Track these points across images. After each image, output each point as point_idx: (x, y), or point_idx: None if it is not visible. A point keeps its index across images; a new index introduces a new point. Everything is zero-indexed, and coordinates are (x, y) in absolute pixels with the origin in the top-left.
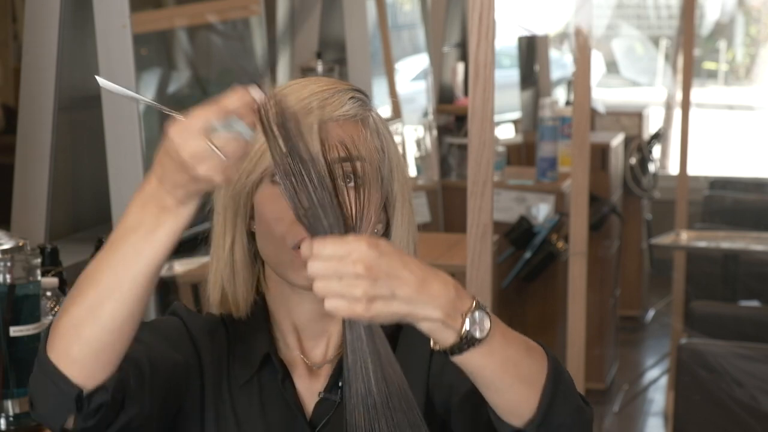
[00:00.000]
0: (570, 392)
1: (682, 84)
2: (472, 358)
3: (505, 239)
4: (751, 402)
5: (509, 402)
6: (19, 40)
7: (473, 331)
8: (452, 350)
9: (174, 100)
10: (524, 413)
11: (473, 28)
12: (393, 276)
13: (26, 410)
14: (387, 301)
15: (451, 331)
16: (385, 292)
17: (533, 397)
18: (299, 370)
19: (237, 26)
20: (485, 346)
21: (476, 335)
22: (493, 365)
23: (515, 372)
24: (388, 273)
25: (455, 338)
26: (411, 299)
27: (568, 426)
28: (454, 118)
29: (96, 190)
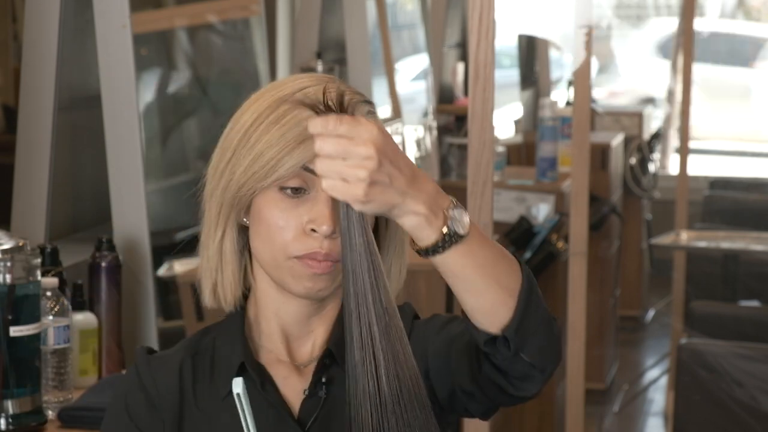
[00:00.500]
0: (541, 302)
1: (682, 84)
2: (452, 256)
3: (505, 239)
4: (751, 402)
5: (487, 304)
6: (19, 40)
7: (455, 227)
8: (435, 248)
9: (174, 100)
10: (501, 317)
11: (473, 28)
12: (394, 164)
13: (26, 410)
14: (384, 188)
15: (434, 227)
16: (385, 179)
17: (510, 300)
18: (284, 371)
19: (237, 26)
20: (465, 244)
21: (459, 231)
22: (473, 264)
23: (493, 273)
24: (391, 160)
25: (438, 235)
26: (404, 191)
27: (540, 336)
28: (454, 118)
29: (96, 190)
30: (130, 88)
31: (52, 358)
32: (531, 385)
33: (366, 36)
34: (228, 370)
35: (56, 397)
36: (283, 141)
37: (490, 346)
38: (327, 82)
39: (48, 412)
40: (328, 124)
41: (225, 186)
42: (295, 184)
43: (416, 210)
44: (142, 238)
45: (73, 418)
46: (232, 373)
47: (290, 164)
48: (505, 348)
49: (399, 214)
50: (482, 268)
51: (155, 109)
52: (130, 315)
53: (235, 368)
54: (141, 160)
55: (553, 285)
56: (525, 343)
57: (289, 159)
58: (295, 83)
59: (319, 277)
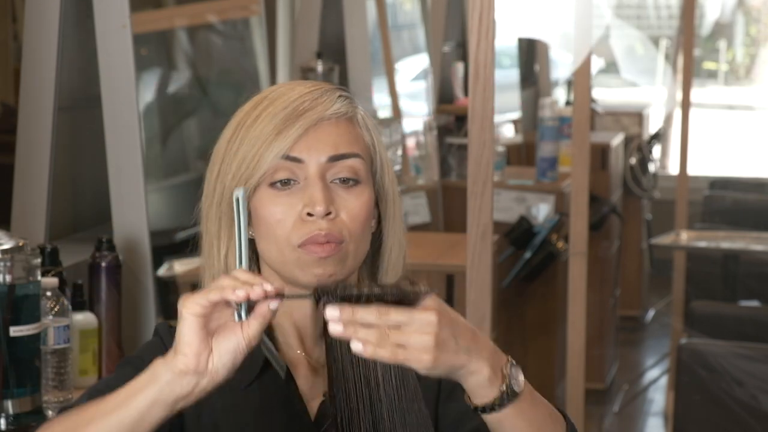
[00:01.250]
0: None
1: (682, 84)
2: (506, 416)
3: (505, 239)
4: (751, 402)
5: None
6: (19, 40)
7: (513, 385)
8: (492, 406)
9: (174, 100)
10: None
11: (473, 28)
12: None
13: (26, 410)
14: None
15: (495, 386)
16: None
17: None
18: (302, 370)
19: (237, 26)
20: (518, 404)
21: (515, 389)
22: (522, 425)
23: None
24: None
25: (497, 393)
26: (469, 349)
27: None
28: (454, 118)
29: (96, 190)
30: (130, 88)
31: (52, 358)
32: None
33: (366, 36)
34: (252, 362)
35: (56, 397)
36: (263, 136)
37: None
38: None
39: (48, 412)
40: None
41: (219, 198)
42: (283, 177)
43: (480, 369)
44: (142, 238)
45: None
46: (256, 365)
47: (271, 156)
48: None
49: (464, 374)
50: (529, 428)
51: (155, 109)
52: (130, 315)
53: (261, 360)
54: (141, 160)
55: (553, 285)
56: None
57: (269, 151)
58: (271, 88)
59: (326, 261)
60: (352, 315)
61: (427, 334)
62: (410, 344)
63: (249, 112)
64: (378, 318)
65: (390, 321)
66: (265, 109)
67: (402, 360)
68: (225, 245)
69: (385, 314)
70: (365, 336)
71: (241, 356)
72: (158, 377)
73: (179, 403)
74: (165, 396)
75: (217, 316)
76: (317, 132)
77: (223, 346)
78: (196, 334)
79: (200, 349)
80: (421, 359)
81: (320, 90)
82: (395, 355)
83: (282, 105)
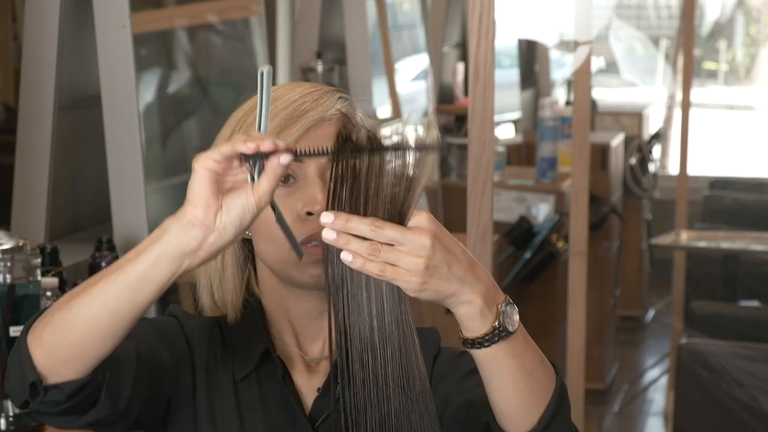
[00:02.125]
0: (568, 415)
1: (682, 84)
2: (496, 353)
3: (505, 239)
4: (751, 402)
5: (514, 408)
6: (19, 40)
7: (506, 323)
8: (482, 341)
9: (174, 100)
10: (524, 423)
11: (473, 28)
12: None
13: (26, 410)
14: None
15: (487, 320)
16: (443, 266)
17: (537, 409)
18: (297, 367)
19: (237, 26)
20: (510, 343)
21: (508, 328)
22: (512, 366)
23: (529, 379)
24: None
25: (488, 328)
26: (462, 278)
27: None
28: (454, 118)
29: (96, 190)
30: (130, 88)
31: None
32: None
33: (366, 36)
34: (249, 355)
35: None
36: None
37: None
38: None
39: None
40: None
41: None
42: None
43: (472, 300)
44: (142, 238)
45: None
46: (253, 359)
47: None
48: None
49: (454, 303)
50: (520, 371)
51: (155, 109)
52: None
53: (258, 354)
54: (141, 160)
55: (553, 285)
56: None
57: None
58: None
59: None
60: (346, 223)
61: (418, 257)
62: (400, 264)
63: (248, 111)
64: (372, 231)
65: (383, 236)
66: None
67: (389, 278)
68: None
69: (380, 228)
70: (356, 248)
71: (249, 216)
72: (166, 231)
73: (185, 261)
74: (171, 249)
75: (231, 178)
76: (318, 132)
77: (233, 202)
78: (207, 186)
79: (210, 203)
80: (409, 281)
81: (320, 91)
82: (383, 272)
83: (282, 105)
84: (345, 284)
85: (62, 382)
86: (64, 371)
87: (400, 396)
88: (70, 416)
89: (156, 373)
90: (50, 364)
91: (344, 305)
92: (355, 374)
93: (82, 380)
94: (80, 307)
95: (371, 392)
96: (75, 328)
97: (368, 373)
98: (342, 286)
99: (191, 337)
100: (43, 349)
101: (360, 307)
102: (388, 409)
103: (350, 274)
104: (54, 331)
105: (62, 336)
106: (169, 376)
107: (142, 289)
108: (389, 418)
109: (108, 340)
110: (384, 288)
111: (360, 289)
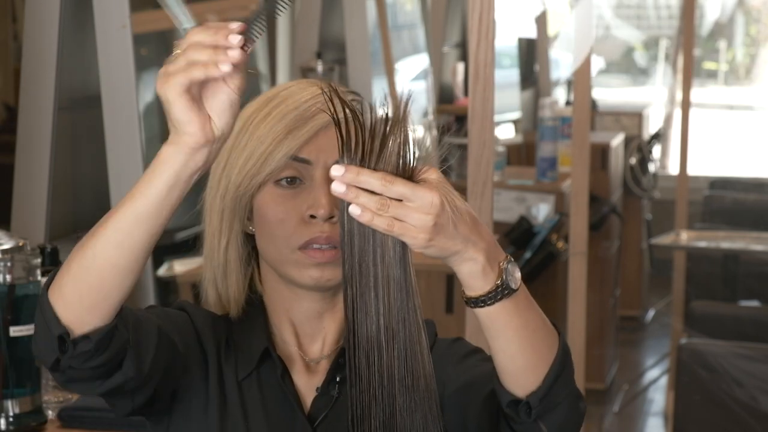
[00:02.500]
0: (572, 377)
1: (682, 84)
2: (498, 311)
3: (505, 239)
4: (751, 402)
5: (518, 367)
6: (19, 40)
7: (508, 280)
8: (484, 299)
9: None
10: (529, 383)
11: (473, 28)
12: (456, 209)
13: (26, 410)
14: (448, 235)
15: (489, 278)
16: (449, 224)
17: (541, 368)
18: (297, 366)
19: None
20: (513, 301)
21: (511, 285)
22: (516, 323)
23: (532, 337)
24: (453, 205)
25: (491, 286)
26: (467, 237)
27: (564, 410)
28: (454, 118)
29: (96, 190)
30: (130, 88)
31: None
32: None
33: (366, 36)
34: (250, 355)
35: (56, 397)
36: (272, 134)
37: (512, 408)
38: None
39: (48, 412)
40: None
41: (224, 191)
42: (289, 174)
43: (475, 258)
44: None
45: (73, 418)
46: (254, 358)
47: (280, 155)
48: (525, 414)
49: (457, 261)
50: (523, 330)
51: (155, 109)
52: None
53: (258, 354)
54: (141, 160)
55: (553, 285)
56: (547, 413)
57: (278, 150)
58: (281, 86)
59: (325, 266)
60: (356, 176)
61: (427, 214)
62: (408, 220)
63: (259, 108)
64: (382, 185)
65: (393, 192)
66: (275, 107)
67: (397, 233)
68: (225, 237)
69: (390, 184)
70: (366, 202)
71: (237, 107)
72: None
73: (195, 176)
74: (184, 175)
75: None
76: (327, 135)
77: (218, 106)
78: (190, 109)
79: (202, 121)
80: (416, 237)
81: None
82: (391, 227)
83: (293, 105)
84: (354, 282)
85: (90, 331)
86: (89, 319)
87: (405, 395)
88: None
89: (172, 351)
90: (75, 314)
91: (352, 303)
92: (361, 372)
93: (109, 326)
94: (95, 250)
95: (377, 390)
96: (93, 272)
97: (374, 371)
98: (351, 284)
99: (201, 330)
100: (65, 301)
101: (367, 306)
102: (392, 408)
103: (359, 272)
104: (73, 280)
105: (82, 283)
106: (180, 359)
107: (158, 217)
108: (393, 416)
109: (127, 277)
110: (392, 286)
111: (368, 287)
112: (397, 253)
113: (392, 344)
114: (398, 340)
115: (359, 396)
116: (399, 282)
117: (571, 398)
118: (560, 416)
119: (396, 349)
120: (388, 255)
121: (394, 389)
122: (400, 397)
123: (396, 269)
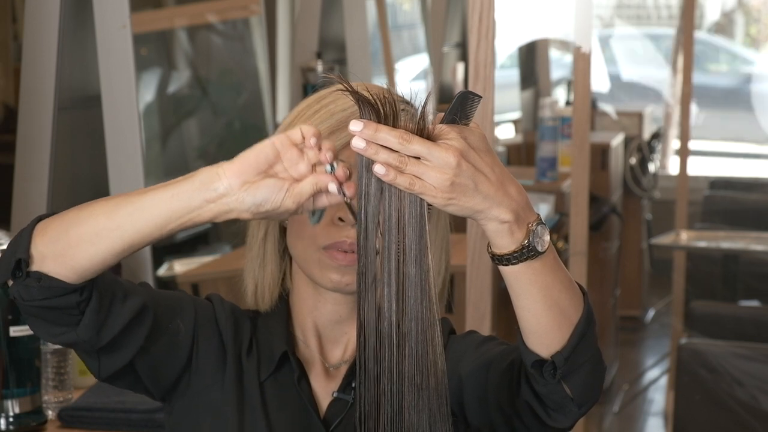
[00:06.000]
0: (595, 339)
1: (682, 84)
2: (524, 271)
3: None
4: (751, 402)
5: (543, 327)
6: (19, 40)
7: (535, 242)
8: (510, 258)
9: (174, 100)
10: (554, 342)
11: (473, 28)
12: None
13: (26, 410)
14: (468, 193)
15: (515, 237)
16: (469, 183)
17: (566, 328)
18: (316, 370)
19: (237, 26)
20: (539, 262)
21: (537, 247)
22: (541, 283)
23: (557, 297)
24: (475, 165)
25: (517, 245)
26: (490, 196)
27: (586, 370)
28: None
29: (96, 190)
30: (130, 88)
31: (52, 358)
32: (565, 418)
33: (366, 36)
34: (271, 356)
35: (56, 397)
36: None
37: (537, 368)
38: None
39: (48, 412)
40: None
41: None
42: None
43: (501, 217)
44: None
45: (73, 418)
46: (274, 360)
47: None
48: (549, 374)
49: (482, 219)
50: (549, 290)
51: (155, 109)
52: None
53: (278, 357)
54: (141, 160)
55: None
56: (570, 373)
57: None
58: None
59: (346, 269)
60: (374, 132)
61: (443, 173)
62: (426, 178)
63: (310, 105)
64: (399, 143)
65: (410, 150)
66: (325, 105)
67: (417, 191)
68: (264, 228)
69: (407, 142)
70: (387, 158)
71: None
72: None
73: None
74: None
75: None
76: None
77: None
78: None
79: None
80: (435, 195)
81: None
82: (412, 185)
83: (342, 106)
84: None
85: (43, 273)
86: (50, 263)
87: (413, 393)
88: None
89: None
90: (43, 250)
91: (366, 301)
92: (370, 367)
93: (60, 283)
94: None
95: (386, 387)
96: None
97: (384, 368)
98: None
99: (221, 319)
100: (45, 236)
101: (381, 303)
102: (400, 405)
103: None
104: (61, 222)
105: (65, 229)
106: (178, 345)
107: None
108: (401, 413)
109: (98, 255)
110: (407, 285)
111: (382, 285)
112: (414, 251)
113: (403, 342)
114: (409, 338)
115: (367, 392)
116: (414, 280)
117: (594, 361)
118: (582, 378)
119: (407, 347)
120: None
121: (402, 387)
122: (409, 395)
123: (413, 267)
